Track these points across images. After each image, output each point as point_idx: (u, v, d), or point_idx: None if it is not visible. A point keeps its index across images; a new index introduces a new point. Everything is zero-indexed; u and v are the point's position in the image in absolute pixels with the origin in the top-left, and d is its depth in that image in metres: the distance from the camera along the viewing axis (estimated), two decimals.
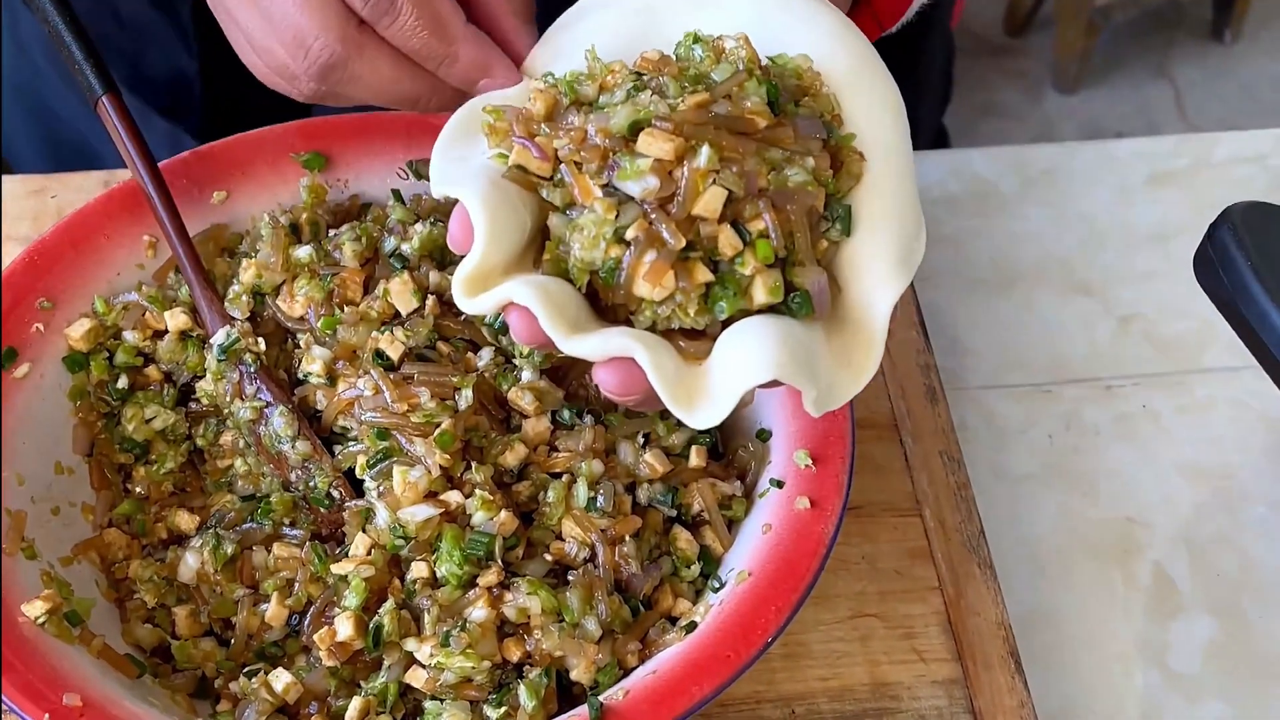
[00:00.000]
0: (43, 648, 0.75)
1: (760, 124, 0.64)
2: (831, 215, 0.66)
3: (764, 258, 0.63)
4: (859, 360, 0.66)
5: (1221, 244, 0.78)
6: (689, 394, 0.64)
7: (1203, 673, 0.90)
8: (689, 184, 0.63)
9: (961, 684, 0.84)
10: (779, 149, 0.64)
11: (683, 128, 0.63)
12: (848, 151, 0.67)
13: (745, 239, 0.63)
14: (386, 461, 0.80)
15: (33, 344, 0.85)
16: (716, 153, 0.63)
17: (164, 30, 0.80)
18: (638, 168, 0.63)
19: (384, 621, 0.77)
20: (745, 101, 0.65)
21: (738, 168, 0.63)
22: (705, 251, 0.64)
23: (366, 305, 0.85)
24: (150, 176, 0.88)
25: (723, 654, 0.74)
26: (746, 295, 0.64)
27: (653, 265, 0.63)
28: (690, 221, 0.63)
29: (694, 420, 0.63)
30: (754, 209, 0.63)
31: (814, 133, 0.66)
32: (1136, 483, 0.98)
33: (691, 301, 0.64)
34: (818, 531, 0.78)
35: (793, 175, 0.64)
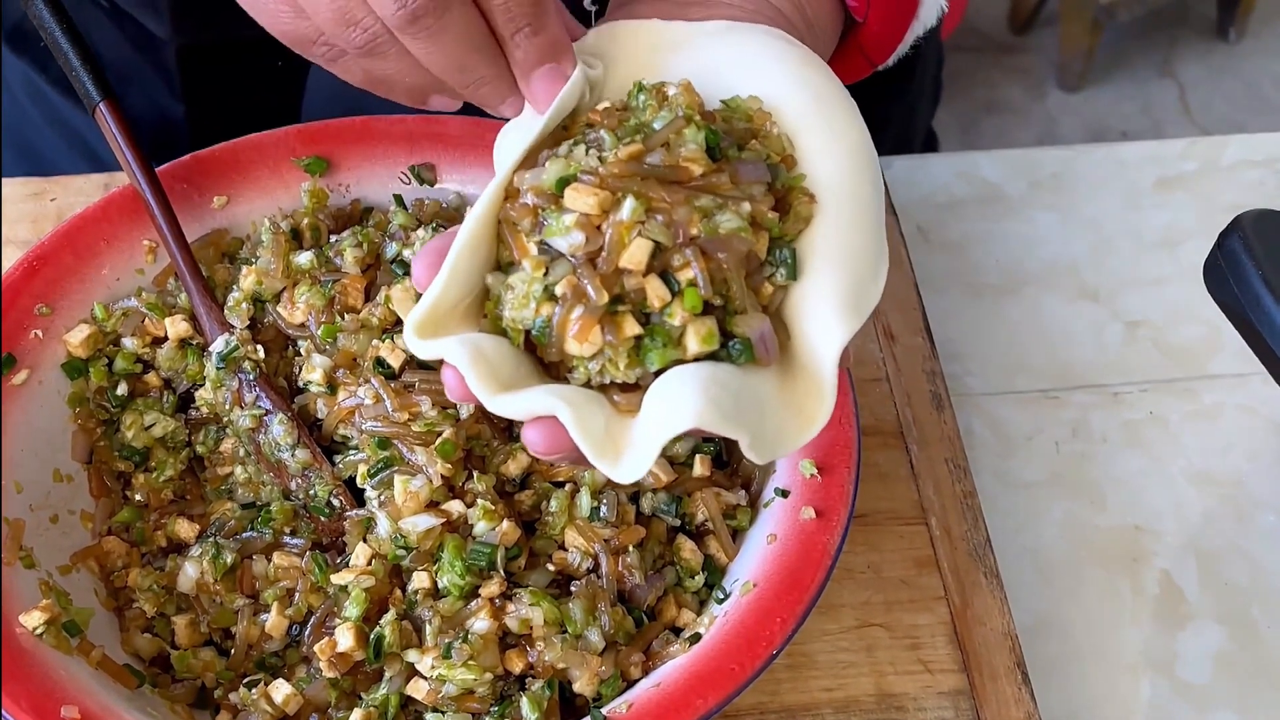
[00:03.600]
0: (41, 659, 0.74)
1: (695, 172, 0.63)
2: (776, 260, 0.65)
3: (691, 307, 0.62)
4: (809, 408, 0.64)
5: (1232, 252, 0.77)
6: (615, 448, 0.62)
7: (1212, 682, 0.89)
8: (614, 237, 0.62)
9: (968, 695, 0.83)
10: (713, 196, 0.63)
11: (608, 181, 0.62)
12: (796, 194, 0.65)
13: (675, 289, 0.62)
14: (387, 471, 0.79)
15: (31, 350, 0.85)
16: (642, 204, 0.62)
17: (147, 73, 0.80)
18: (563, 224, 0.62)
19: (385, 632, 0.76)
20: (681, 149, 0.64)
21: (665, 217, 0.62)
22: (635, 304, 0.62)
23: (368, 312, 0.84)
24: (148, 184, 0.87)
25: (727, 666, 0.73)
26: (680, 346, 0.62)
27: (580, 321, 0.62)
28: (617, 274, 0.62)
29: (618, 475, 0.62)
30: (683, 258, 0.62)
31: (757, 177, 0.64)
32: (1144, 490, 0.98)
33: (621, 355, 0.62)
34: (823, 542, 0.77)
35: (724, 221, 0.62)
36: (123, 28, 1.08)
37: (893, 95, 1.29)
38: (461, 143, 0.93)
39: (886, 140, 1.30)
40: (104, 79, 0.88)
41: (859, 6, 0.85)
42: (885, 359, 0.98)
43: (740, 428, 0.61)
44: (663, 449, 0.62)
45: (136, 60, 1.06)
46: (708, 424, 0.60)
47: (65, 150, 1.18)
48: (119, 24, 1.08)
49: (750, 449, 0.61)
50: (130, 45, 1.07)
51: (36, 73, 1.16)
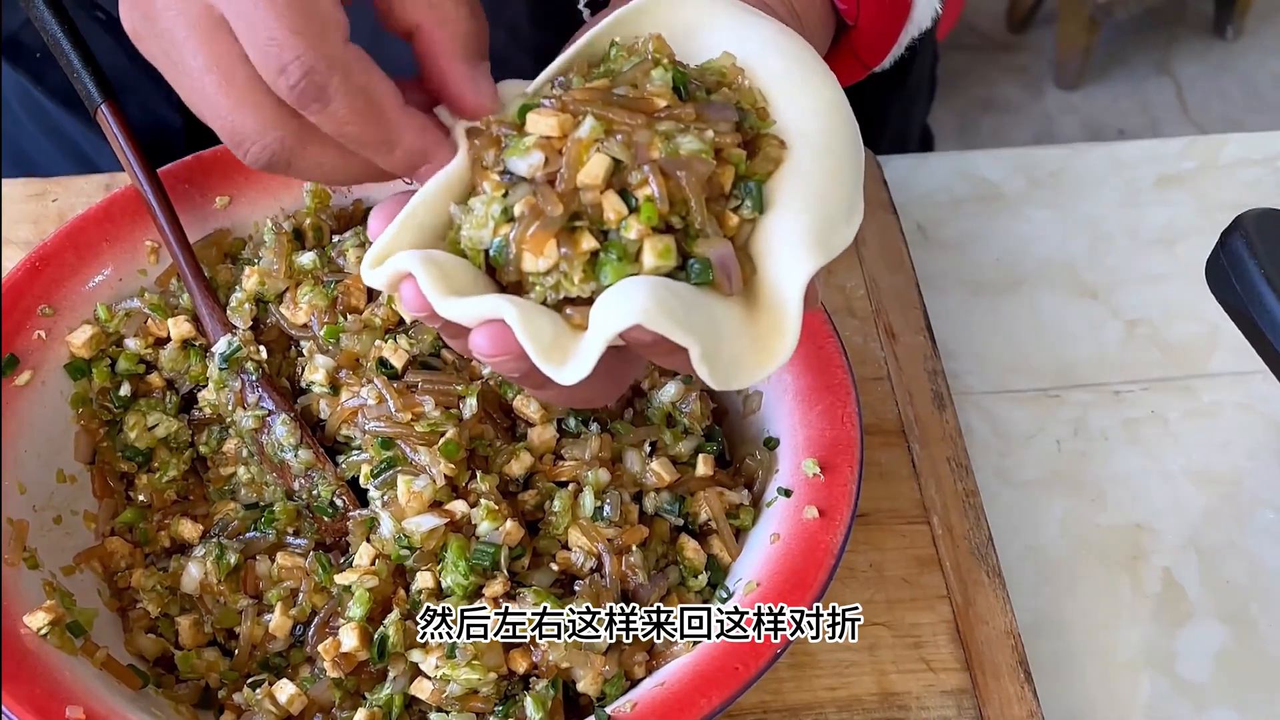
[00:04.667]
0: (45, 659, 0.74)
1: (659, 104, 0.63)
2: (743, 193, 0.64)
3: (648, 219, 0.61)
4: (771, 342, 0.63)
5: (1234, 252, 0.77)
6: (562, 353, 0.62)
7: (1212, 680, 0.89)
8: (572, 154, 0.62)
9: (970, 694, 0.83)
10: (675, 122, 0.63)
11: (569, 105, 0.63)
12: (767, 139, 0.65)
13: (633, 206, 0.62)
14: (391, 471, 0.79)
15: (34, 351, 0.85)
16: (602, 125, 0.62)
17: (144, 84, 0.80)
18: (523, 145, 0.63)
19: (389, 632, 0.76)
20: (649, 86, 0.64)
21: (625, 137, 0.62)
22: (592, 222, 0.62)
23: (370, 313, 0.85)
24: (150, 184, 0.88)
25: (731, 666, 0.73)
26: (636, 262, 0.62)
27: (533, 235, 0.62)
28: (575, 193, 0.62)
29: (560, 375, 0.61)
30: (641, 175, 0.62)
31: (723, 115, 0.64)
32: (1145, 489, 0.98)
33: (576, 269, 0.62)
34: (826, 541, 0.77)
35: (685, 144, 0.62)
36: (120, 38, 1.08)
37: (889, 93, 1.30)
38: None
39: (883, 138, 1.30)
40: (105, 81, 0.88)
41: (849, 9, 0.85)
42: (886, 357, 0.99)
43: (689, 334, 0.60)
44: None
45: (133, 71, 1.06)
46: (651, 322, 0.59)
47: (61, 160, 1.18)
48: (116, 35, 1.08)
49: (700, 360, 0.60)
50: (127, 56, 1.07)
51: (32, 83, 1.16)
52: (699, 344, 0.60)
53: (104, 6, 1.07)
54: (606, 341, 0.60)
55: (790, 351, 0.63)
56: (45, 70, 1.14)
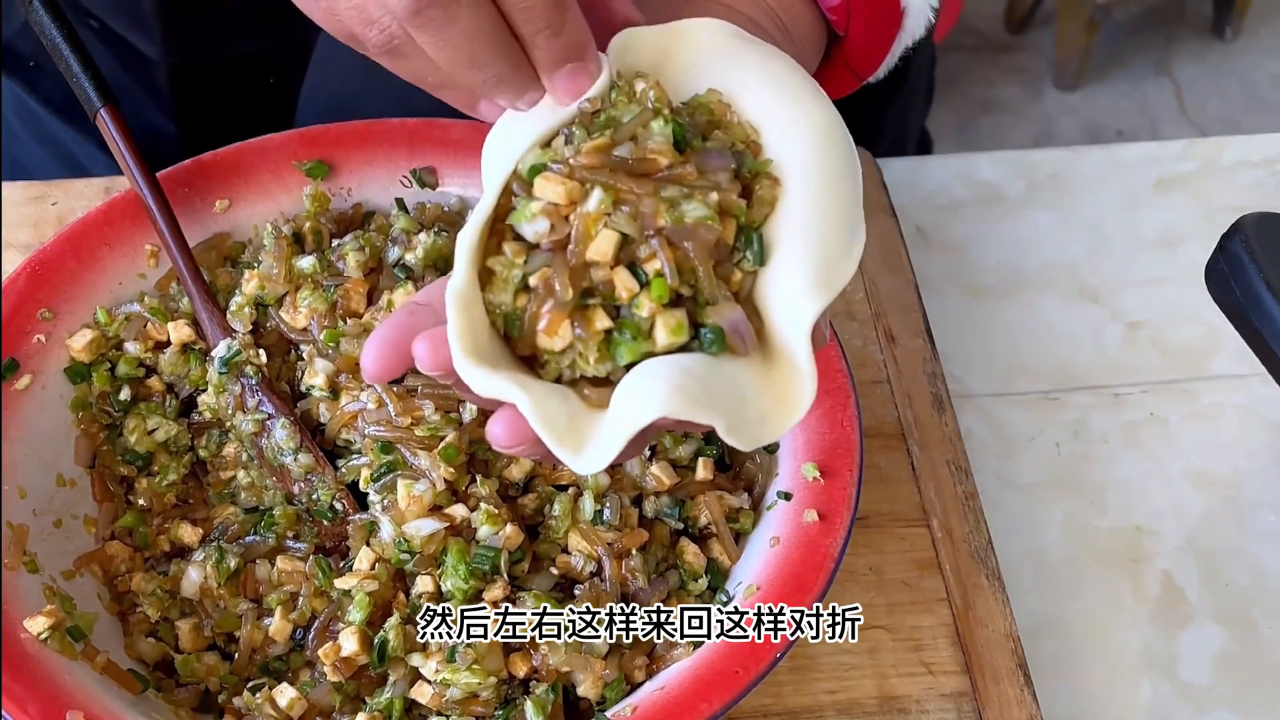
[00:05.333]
0: (45, 664, 0.74)
1: (662, 163, 0.63)
2: (743, 245, 0.64)
3: (659, 298, 0.61)
4: (791, 393, 0.63)
5: (1234, 255, 0.77)
6: (579, 439, 0.62)
7: (1212, 683, 0.89)
8: (580, 229, 0.61)
9: (970, 697, 0.83)
10: (679, 186, 0.63)
11: (576, 172, 0.62)
12: (761, 178, 0.65)
13: (643, 281, 0.62)
14: (390, 475, 0.79)
15: (34, 355, 0.85)
16: (610, 195, 0.61)
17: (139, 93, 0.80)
18: (530, 211, 0.62)
19: (389, 637, 0.76)
20: (649, 142, 0.63)
21: (631, 208, 0.62)
22: (604, 298, 0.62)
23: (370, 317, 0.84)
24: (149, 188, 0.87)
25: (731, 669, 0.73)
26: (650, 339, 0.62)
27: (549, 315, 0.62)
28: (586, 268, 0.62)
29: (579, 465, 0.61)
30: (649, 249, 0.62)
31: (722, 164, 0.64)
32: (1145, 491, 0.98)
33: (591, 349, 0.62)
34: (826, 545, 0.77)
35: (690, 210, 0.62)
36: (114, 48, 1.08)
37: (887, 97, 1.29)
38: (463, 146, 0.93)
39: (882, 142, 1.30)
40: (104, 85, 0.88)
41: (839, 20, 0.84)
42: (886, 361, 0.99)
43: (712, 413, 0.60)
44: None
45: (128, 80, 1.06)
46: (674, 411, 0.59)
47: (56, 169, 1.18)
48: (110, 44, 1.08)
49: (728, 434, 0.60)
50: (121, 66, 1.07)
51: (26, 92, 1.16)
52: (723, 420, 0.60)
53: (98, 16, 1.07)
54: (630, 437, 0.60)
55: (810, 401, 0.63)
56: (39, 79, 1.15)
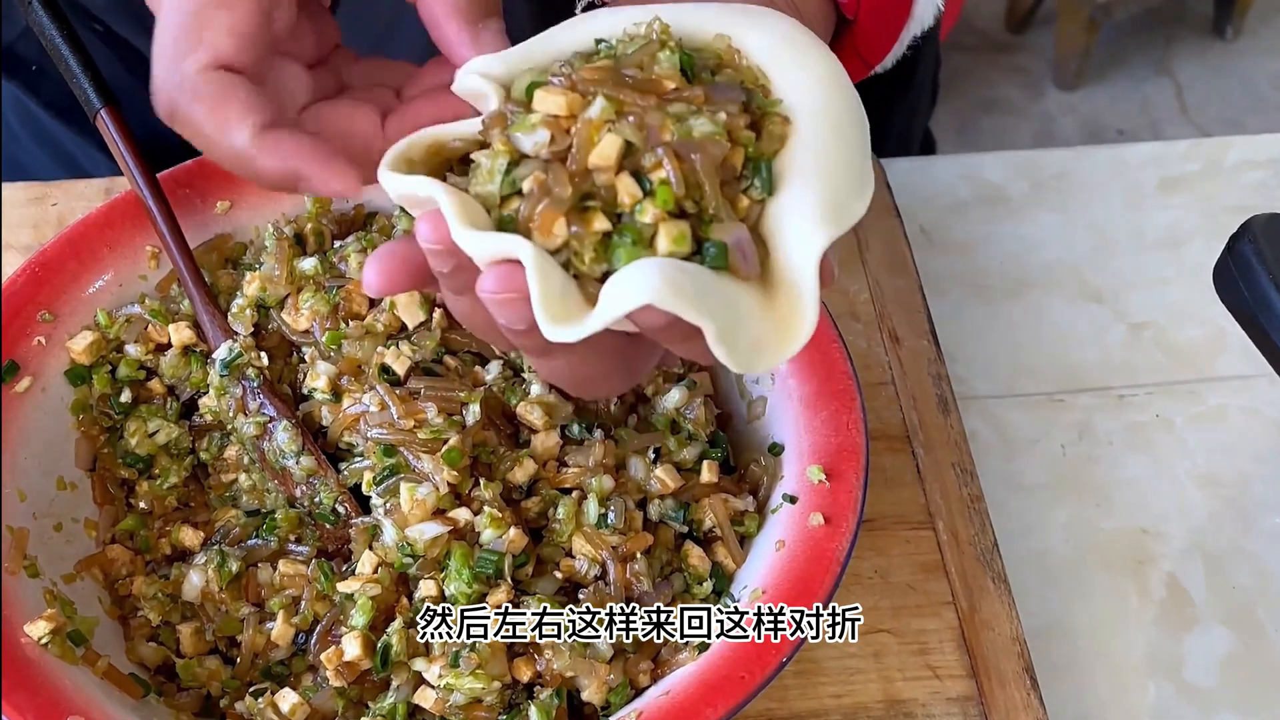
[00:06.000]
0: (46, 668, 0.74)
1: (669, 86, 0.62)
2: (751, 174, 0.63)
3: (664, 203, 0.60)
4: (791, 322, 0.61)
5: (1242, 257, 0.77)
6: (565, 310, 0.60)
7: (1218, 685, 0.89)
8: (582, 135, 0.60)
9: (977, 701, 0.83)
10: (686, 104, 0.62)
11: (578, 84, 0.61)
12: (771, 117, 0.64)
13: (647, 189, 0.60)
14: (393, 478, 0.79)
15: (34, 357, 0.84)
16: (613, 105, 0.61)
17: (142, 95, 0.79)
18: (529, 122, 0.61)
19: (392, 641, 0.76)
20: (656, 69, 0.62)
21: (636, 119, 0.61)
22: (605, 204, 0.61)
23: (372, 319, 0.84)
24: (150, 189, 0.87)
25: (736, 674, 0.73)
26: (650, 246, 0.60)
27: (542, 213, 0.60)
28: (587, 174, 0.60)
29: (551, 332, 0.59)
30: (654, 158, 0.60)
31: (731, 96, 0.62)
32: (1150, 493, 0.97)
33: (587, 248, 0.60)
34: (832, 548, 0.77)
35: (698, 125, 0.61)
36: (118, 51, 1.08)
37: (894, 97, 1.29)
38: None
39: (889, 142, 1.30)
40: (105, 86, 0.88)
41: (849, 4, 0.84)
42: (891, 362, 0.98)
43: (701, 312, 0.58)
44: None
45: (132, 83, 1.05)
46: (662, 301, 0.57)
47: (56, 172, 1.18)
48: (113, 47, 1.08)
49: (717, 341, 0.59)
50: (124, 69, 1.07)
51: (27, 95, 1.15)
52: (713, 323, 0.58)
53: (102, 19, 1.07)
54: (613, 318, 0.59)
55: (810, 331, 0.61)
56: (40, 82, 1.14)
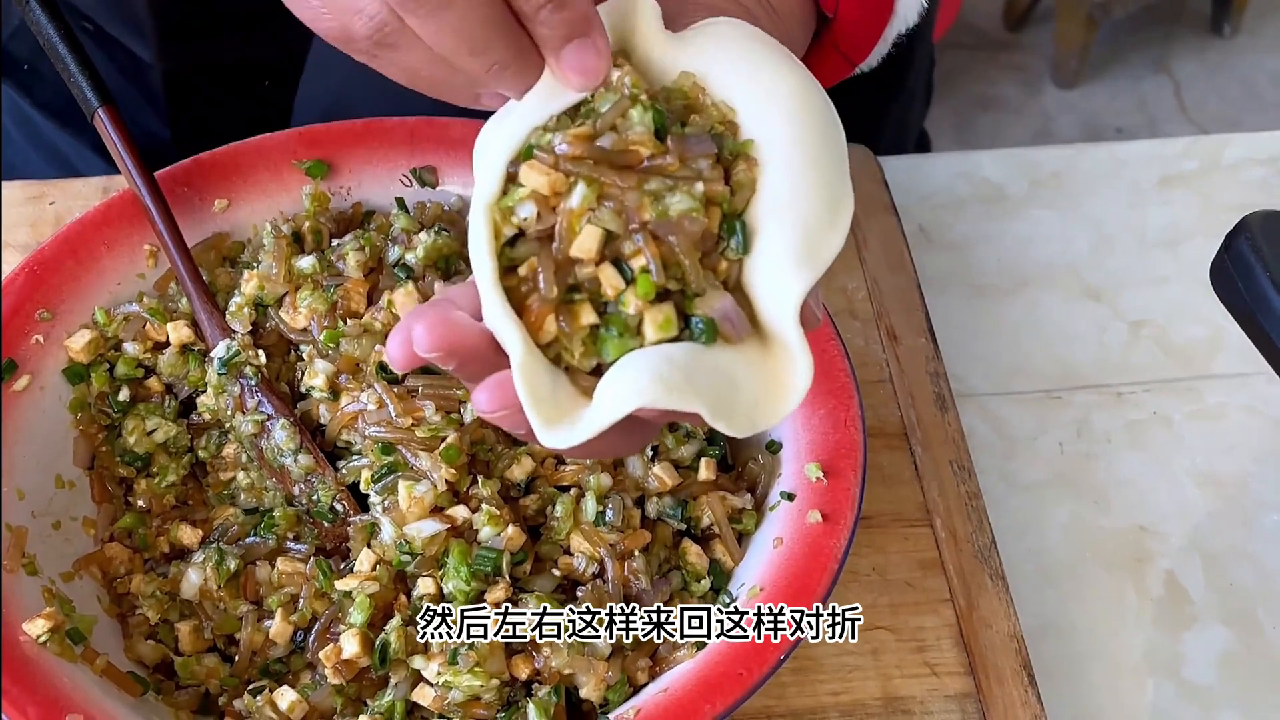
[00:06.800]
0: (45, 667, 0.74)
1: (644, 154, 0.62)
2: (728, 234, 0.63)
3: (645, 294, 0.61)
4: (786, 377, 0.62)
5: (1239, 254, 0.77)
6: (558, 411, 0.61)
7: (1217, 683, 0.89)
8: (564, 225, 0.61)
9: (974, 698, 0.83)
10: (662, 178, 0.62)
11: (560, 163, 0.62)
12: (739, 161, 0.64)
13: (629, 277, 0.61)
14: (391, 476, 0.79)
15: (33, 356, 0.84)
16: (593, 190, 0.61)
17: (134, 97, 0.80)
18: (517, 196, 0.62)
19: (390, 639, 0.76)
20: (629, 132, 0.62)
21: (616, 204, 0.61)
22: (590, 293, 0.61)
23: (370, 317, 0.84)
24: (147, 188, 0.87)
25: (735, 671, 0.73)
26: (638, 335, 0.61)
27: (535, 310, 0.61)
28: (570, 263, 0.61)
29: (546, 436, 0.60)
30: (634, 245, 0.61)
31: (703, 150, 0.62)
32: (1148, 491, 0.98)
33: (576, 344, 0.61)
34: (830, 546, 0.77)
35: (674, 203, 0.61)
36: (109, 52, 1.08)
37: (888, 96, 1.30)
38: (463, 144, 0.93)
39: (883, 141, 1.30)
40: (102, 85, 0.88)
41: (828, 2, 0.83)
42: (888, 360, 0.98)
43: (693, 399, 0.59)
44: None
45: (123, 84, 1.05)
46: (653, 400, 0.58)
47: (50, 173, 1.18)
48: (105, 48, 1.08)
49: (713, 419, 0.59)
50: (116, 69, 1.07)
51: (21, 96, 1.15)
52: (706, 406, 0.59)
53: (93, 19, 1.07)
54: (607, 424, 0.60)
55: (805, 384, 0.62)
56: (35, 83, 1.14)
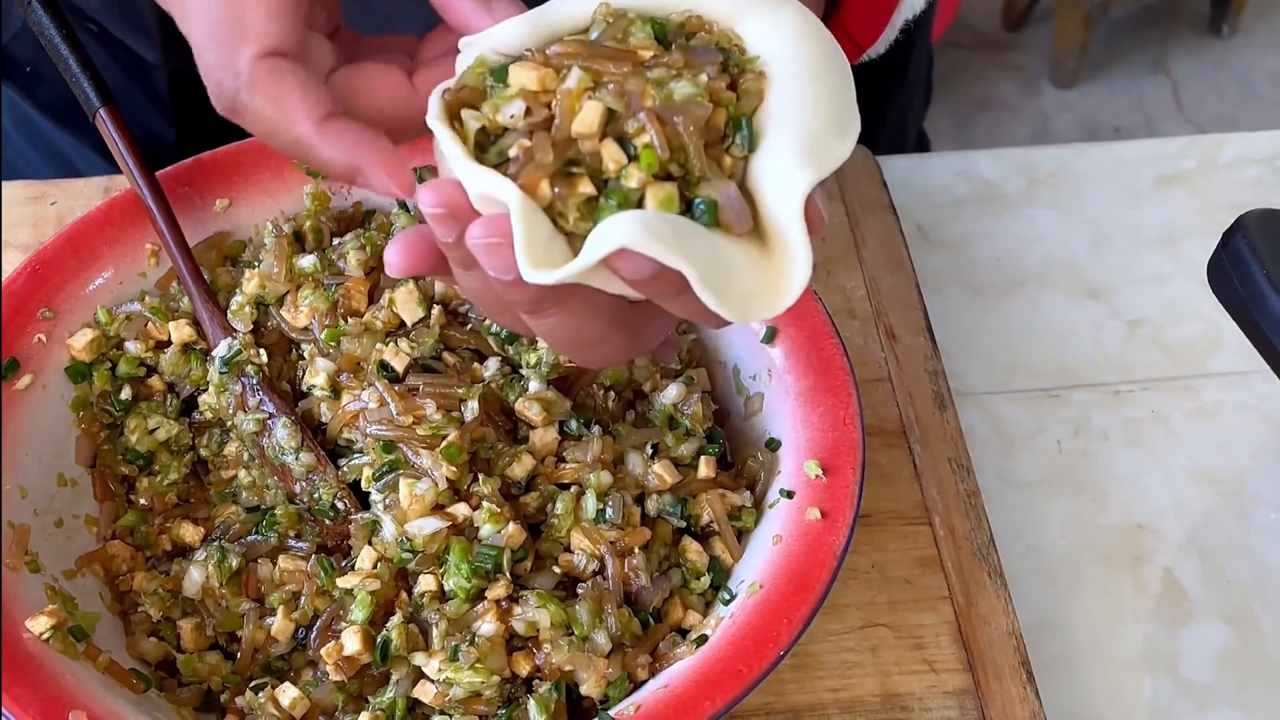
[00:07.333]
0: (48, 663, 0.74)
1: (645, 55, 0.62)
2: (733, 132, 0.63)
3: (648, 167, 0.60)
4: (784, 272, 0.61)
5: (1236, 252, 0.77)
6: (548, 257, 0.60)
7: (1215, 680, 0.89)
8: (563, 105, 0.61)
9: (973, 694, 0.83)
10: (665, 69, 0.62)
11: (551, 59, 0.62)
12: (745, 74, 0.64)
13: (631, 154, 0.61)
14: (392, 474, 0.79)
15: (35, 355, 0.85)
16: (589, 76, 0.61)
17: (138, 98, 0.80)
18: (506, 94, 0.62)
19: (391, 636, 0.76)
20: (631, 40, 0.63)
21: (616, 86, 0.61)
22: (591, 170, 0.61)
23: (371, 316, 0.84)
24: (149, 187, 0.87)
25: (734, 668, 0.73)
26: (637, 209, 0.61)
27: (527, 175, 0.60)
28: (571, 142, 0.61)
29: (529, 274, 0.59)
30: (638, 124, 0.60)
31: (709, 58, 0.63)
32: (1146, 489, 0.98)
33: (571, 209, 0.61)
34: (829, 543, 0.77)
35: (679, 89, 0.61)
36: (113, 53, 1.08)
37: (888, 96, 1.30)
38: None
39: (882, 140, 1.30)
40: (104, 85, 0.88)
41: None
42: (887, 359, 0.99)
43: (680, 256, 0.58)
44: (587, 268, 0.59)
45: (127, 85, 1.05)
46: (638, 244, 0.57)
47: (51, 175, 1.18)
48: (110, 49, 1.08)
49: (703, 287, 0.58)
50: (121, 70, 1.07)
51: (22, 97, 1.15)
52: (694, 267, 0.58)
53: (97, 20, 1.07)
54: (591, 262, 0.59)
55: (804, 278, 0.61)
56: (37, 84, 1.14)
